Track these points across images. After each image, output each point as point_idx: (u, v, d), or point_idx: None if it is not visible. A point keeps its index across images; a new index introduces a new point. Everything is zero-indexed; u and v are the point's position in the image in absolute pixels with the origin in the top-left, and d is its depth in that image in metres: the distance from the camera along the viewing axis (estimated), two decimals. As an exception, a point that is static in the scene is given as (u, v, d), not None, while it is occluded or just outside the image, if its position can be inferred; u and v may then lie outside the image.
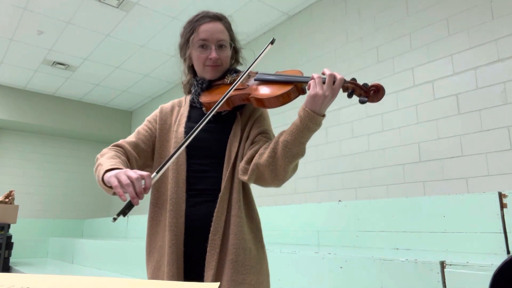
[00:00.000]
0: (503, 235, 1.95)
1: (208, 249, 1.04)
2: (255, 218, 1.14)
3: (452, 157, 2.48)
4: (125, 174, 0.87)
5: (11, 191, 5.00)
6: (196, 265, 1.06)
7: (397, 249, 2.39)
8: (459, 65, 2.54)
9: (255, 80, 1.12)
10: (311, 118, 0.96)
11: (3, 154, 6.29)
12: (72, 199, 6.84)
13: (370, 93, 1.00)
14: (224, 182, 1.08)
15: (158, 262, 1.09)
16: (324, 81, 0.97)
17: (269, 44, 1.14)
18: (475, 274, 1.41)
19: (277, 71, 1.15)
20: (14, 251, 5.51)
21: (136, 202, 0.85)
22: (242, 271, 1.03)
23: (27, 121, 5.97)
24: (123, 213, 0.83)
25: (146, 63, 5.08)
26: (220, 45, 1.18)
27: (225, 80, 1.19)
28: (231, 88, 1.05)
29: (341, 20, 3.43)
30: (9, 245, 4.97)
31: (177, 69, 1.28)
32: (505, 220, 1.97)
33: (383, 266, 1.71)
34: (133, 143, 1.16)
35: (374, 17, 3.15)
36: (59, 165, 6.80)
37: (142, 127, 1.22)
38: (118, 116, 6.96)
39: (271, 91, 1.05)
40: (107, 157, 1.04)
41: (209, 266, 1.03)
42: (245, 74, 1.09)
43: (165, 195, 1.12)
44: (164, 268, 1.05)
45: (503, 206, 1.98)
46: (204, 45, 1.17)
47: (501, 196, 2.00)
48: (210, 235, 1.04)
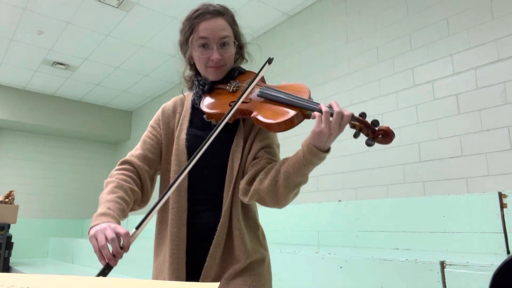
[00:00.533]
0: (503, 235, 1.95)
1: (208, 259, 1.03)
2: (258, 227, 1.14)
3: (452, 157, 2.48)
4: (103, 234, 0.85)
5: (11, 191, 5.00)
6: (198, 274, 1.06)
7: (397, 249, 2.39)
8: (459, 65, 2.54)
9: (259, 96, 1.05)
10: (315, 154, 0.92)
11: (3, 154, 6.28)
12: (72, 199, 6.84)
13: (379, 136, 0.95)
14: (227, 198, 1.06)
15: (162, 264, 1.10)
16: (331, 114, 0.90)
17: (266, 63, 1.08)
18: (475, 274, 1.41)
19: (283, 83, 1.09)
20: (14, 251, 5.51)
21: (113, 263, 0.83)
22: (242, 277, 1.04)
23: (27, 121, 5.97)
24: (103, 273, 0.81)
25: (146, 63, 5.08)
26: (222, 43, 1.10)
27: (227, 88, 1.12)
28: (232, 107, 1.01)
29: (341, 20, 3.43)
30: (9, 245, 4.97)
31: (177, 68, 1.23)
32: (505, 220, 1.97)
33: (383, 266, 1.71)
34: (141, 156, 1.13)
35: (374, 17, 3.15)
36: (59, 165, 6.79)
37: (147, 135, 1.18)
38: (118, 116, 6.95)
39: (274, 114, 0.99)
40: (106, 192, 1.01)
41: (207, 275, 1.03)
42: (245, 94, 1.04)
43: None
44: (166, 275, 1.06)
45: (503, 206, 1.99)
46: (205, 44, 1.09)
47: (501, 196, 2.00)
48: (212, 247, 1.04)
